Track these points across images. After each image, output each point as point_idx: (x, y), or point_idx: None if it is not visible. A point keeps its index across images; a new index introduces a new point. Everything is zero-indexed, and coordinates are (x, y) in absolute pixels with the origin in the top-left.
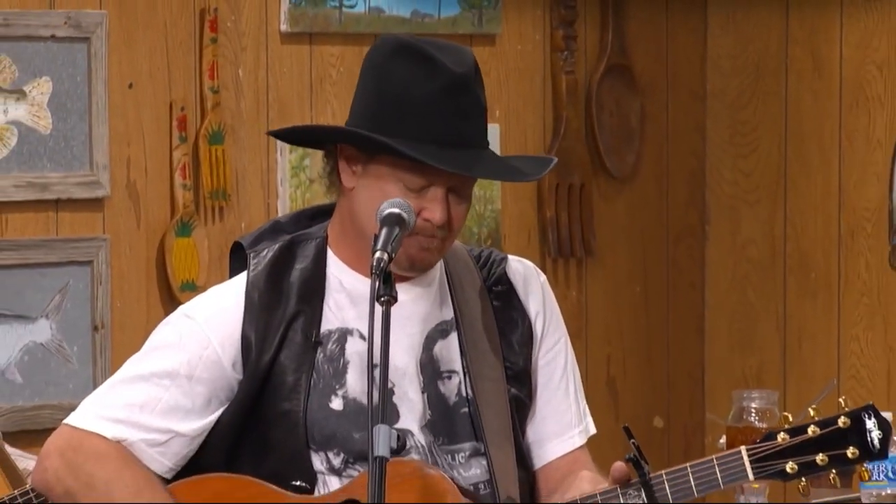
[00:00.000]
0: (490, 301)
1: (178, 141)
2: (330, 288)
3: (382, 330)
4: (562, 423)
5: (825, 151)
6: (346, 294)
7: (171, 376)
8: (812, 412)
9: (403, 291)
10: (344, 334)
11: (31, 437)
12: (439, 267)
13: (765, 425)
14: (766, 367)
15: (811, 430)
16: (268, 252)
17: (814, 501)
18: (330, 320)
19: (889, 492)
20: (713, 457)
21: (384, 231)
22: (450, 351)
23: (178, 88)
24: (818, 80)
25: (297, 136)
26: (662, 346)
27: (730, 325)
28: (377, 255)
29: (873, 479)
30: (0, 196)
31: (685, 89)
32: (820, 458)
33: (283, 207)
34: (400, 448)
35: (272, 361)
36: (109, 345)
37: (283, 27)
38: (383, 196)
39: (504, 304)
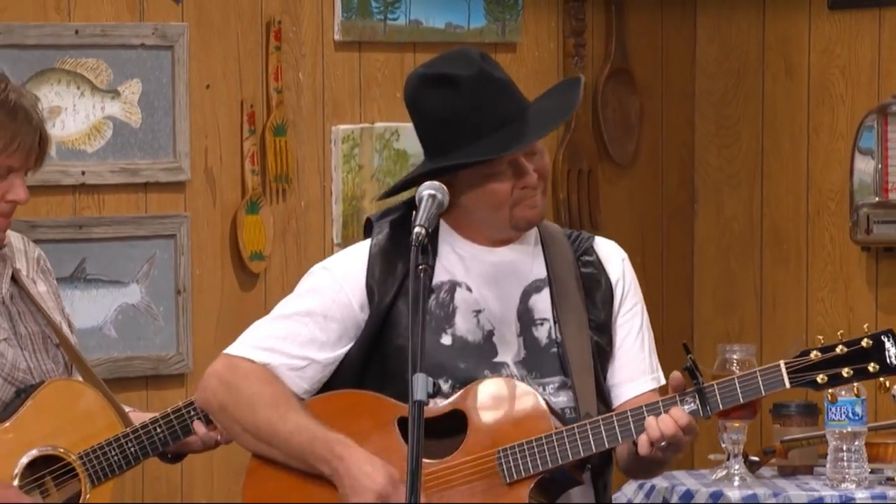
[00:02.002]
0: (578, 267)
1: (247, 133)
2: (441, 250)
3: (422, 292)
4: (637, 370)
5: (795, 142)
6: (455, 255)
7: (311, 315)
8: (840, 335)
9: (504, 254)
10: (453, 286)
11: (124, 383)
12: (535, 236)
13: None
14: (745, 325)
15: (839, 348)
16: (390, 222)
17: (785, 438)
18: (441, 274)
19: (849, 430)
20: (756, 369)
21: (422, 209)
22: (543, 303)
23: (248, 89)
24: (790, 82)
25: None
26: (657, 307)
27: (715, 289)
28: (416, 229)
29: (835, 419)
30: (98, 180)
31: (677, 89)
32: (846, 371)
33: (336, 189)
34: (435, 393)
35: (391, 305)
36: (190, 305)
37: (337, 37)
38: (485, 188)
39: (589, 269)
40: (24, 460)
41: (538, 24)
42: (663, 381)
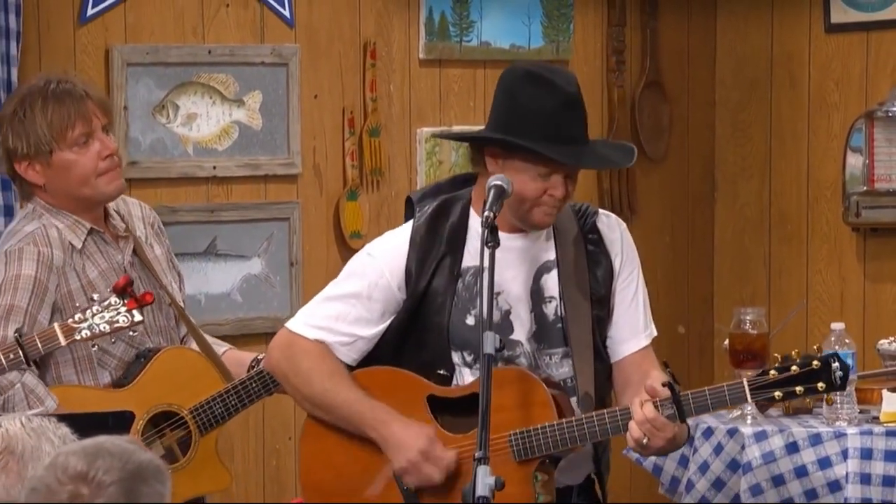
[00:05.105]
0: (584, 245)
1: (348, 135)
2: (470, 237)
3: (490, 266)
4: (633, 330)
5: (798, 142)
6: (481, 242)
7: (357, 297)
8: (794, 354)
9: (521, 240)
10: (478, 271)
11: (248, 338)
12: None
13: (756, 332)
14: (756, 292)
15: (793, 369)
16: (428, 208)
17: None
18: (468, 260)
19: None
20: (724, 384)
21: (491, 196)
22: (552, 281)
23: (349, 98)
24: (793, 92)
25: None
26: (684, 277)
27: (731, 263)
28: (486, 213)
29: None
30: (227, 173)
31: (700, 98)
32: (798, 389)
33: (420, 181)
34: (501, 348)
35: (427, 287)
36: (301, 275)
37: (421, 55)
38: (522, 180)
39: (593, 247)
40: (147, 415)
41: (586, 45)
42: (655, 333)
